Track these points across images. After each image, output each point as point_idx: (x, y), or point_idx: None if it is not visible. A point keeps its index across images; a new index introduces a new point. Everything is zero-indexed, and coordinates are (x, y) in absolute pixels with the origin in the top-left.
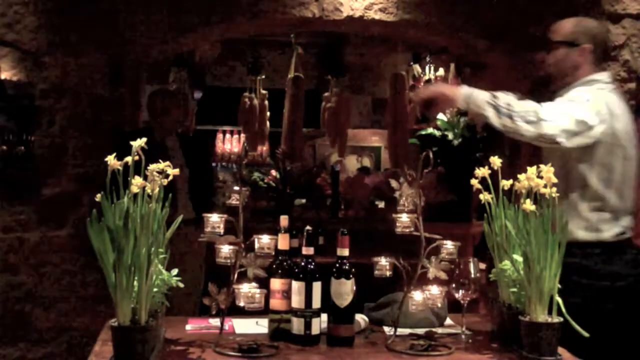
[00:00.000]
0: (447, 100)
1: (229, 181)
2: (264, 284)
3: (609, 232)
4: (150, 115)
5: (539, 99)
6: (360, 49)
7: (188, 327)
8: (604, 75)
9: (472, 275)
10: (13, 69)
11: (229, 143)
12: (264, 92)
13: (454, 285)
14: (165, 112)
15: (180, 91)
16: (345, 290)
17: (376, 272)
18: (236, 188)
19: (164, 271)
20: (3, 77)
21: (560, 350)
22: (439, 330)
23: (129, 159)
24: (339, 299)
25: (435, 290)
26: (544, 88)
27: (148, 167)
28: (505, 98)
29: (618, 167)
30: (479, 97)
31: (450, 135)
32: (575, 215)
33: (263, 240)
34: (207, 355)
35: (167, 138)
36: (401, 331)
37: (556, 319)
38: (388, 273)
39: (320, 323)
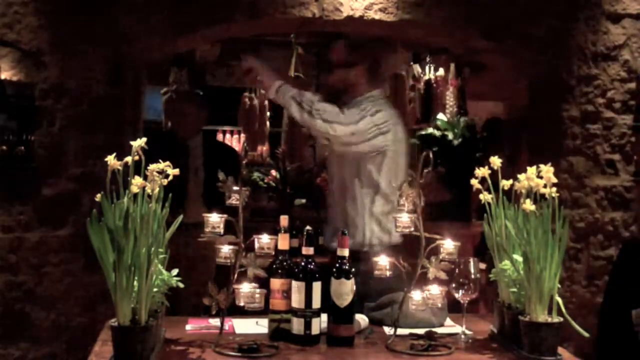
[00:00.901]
0: (263, 84)
1: (228, 181)
2: (264, 284)
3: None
4: (168, 117)
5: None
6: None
7: (188, 327)
8: (378, 92)
9: (472, 275)
10: (13, 69)
11: (229, 143)
12: (264, 92)
13: (454, 285)
14: (183, 114)
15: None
16: (345, 290)
17: (376, 272)
18: (236, 188)
19: (164, 271)
20: (3, 77)
21: (560, 350)
22: (439, 330)
23: (129, 158)
24: (339, 299)
25: (435, 290)
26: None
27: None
28: (310, 96)
29: (400, 171)
30: (288, 92)
31: (450, 135)
32: (369, 216)
33: (263, 240)
34: (207, 355)
35: (191, 139)
36: (401, 331)
37: (556, 319)
38: (388, 273)
39: (320, 323)
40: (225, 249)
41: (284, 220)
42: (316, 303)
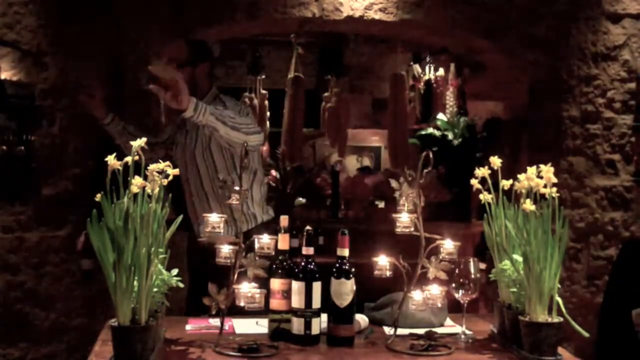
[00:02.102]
0: (181, 102)
1: (228, 181)
2: (264, 284)
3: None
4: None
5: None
6: (360, 49)
7: (188, 327)
8: (215, 89)
9: (472, 275)
10: (13, 69)
11: None
12: (264, 92)
13: (454, 285)
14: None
15: None
16: (345, 290)
17: (376, 272)
18: (236, 188)
19: (164, 271)
20: (3, 77)
21: (560, 350)
22: (439, 330)
23: (129, 159)
24: (339, 299)
25: (435, 290)
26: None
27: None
28: (226, 112)
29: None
30: (206, 109)
31: (450, 135)
32: (251, 201)
33: (263, 240)
34: (207, 355)
35: None
36: (401, 331)
37: (556, 319)
38: (388, 273)
39: (320, 323)
40: (225, 249)
41: (284, 220)
42: (316, 303)
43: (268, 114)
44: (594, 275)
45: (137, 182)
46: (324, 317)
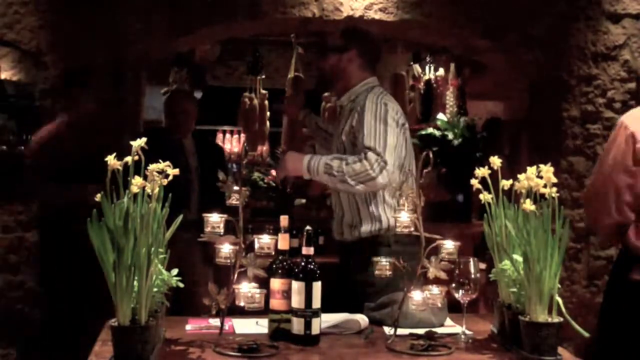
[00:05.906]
0: (300, 173)
1: (229, 181)
2: (264, 284)
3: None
4: (168, 116)
5: None
6: None
7: (188, 327)
8: (374, 79)
9: (472, 275)
10: (13, 69)
11: (229, 143)
12: (264, 92)
13: (454, 285)
14: (184, 113)
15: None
16: None
17: (376, 272)
18: (236, 188)
19: (164, 271)
20: (3, 77)
21: (560, 350)
22: (439, 330)
23: (128, 158)
24: None
25: (435, 290)
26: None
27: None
28: (337, 164)
29: (409, 151)
30: (320, 168)
31: (450, 135)
32: (380, 203)
33: (263, 240)
34: (207, 355)
35: (185, 139)
36: (401, 331)
37: (556, 319)
38: (388, 273)
39: (320, 323)
40: (226, 249)
41: (284, 220)
42: (316, 303)
43: (268, 114)
44: (594, 275)
45: (137, 182)
46: (324, 317)
